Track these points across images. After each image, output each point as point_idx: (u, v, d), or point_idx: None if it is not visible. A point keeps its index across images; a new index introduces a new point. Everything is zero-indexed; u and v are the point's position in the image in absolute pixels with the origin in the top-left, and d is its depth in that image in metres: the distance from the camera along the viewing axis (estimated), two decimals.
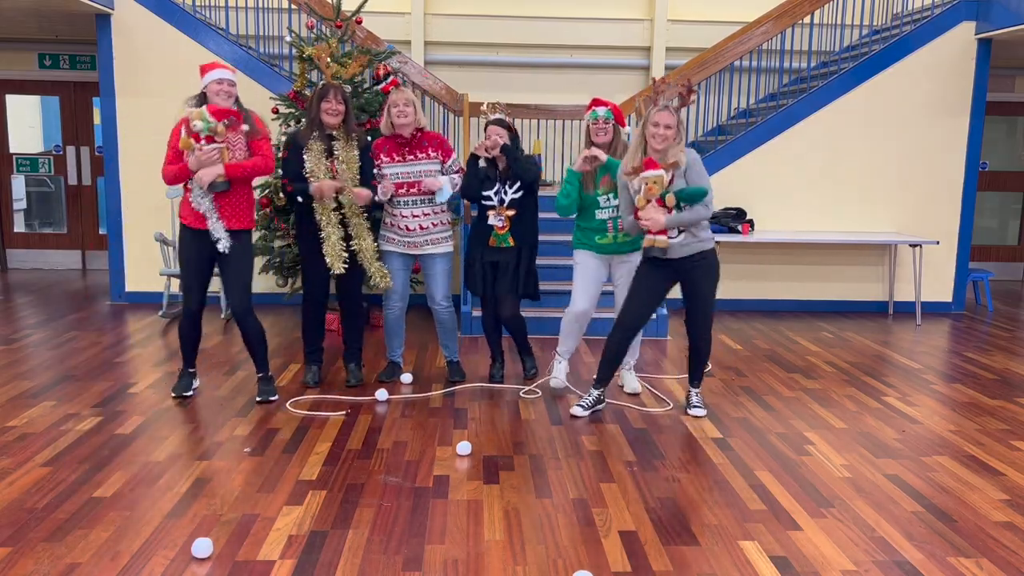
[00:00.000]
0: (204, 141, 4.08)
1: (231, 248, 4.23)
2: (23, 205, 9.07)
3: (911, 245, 7.04)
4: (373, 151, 4.67)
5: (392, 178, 4.64)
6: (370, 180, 4.57)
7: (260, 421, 4.21)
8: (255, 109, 4.43)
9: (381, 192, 4.57)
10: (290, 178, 4.47)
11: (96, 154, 8.83)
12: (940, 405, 4.73)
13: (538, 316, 5.13)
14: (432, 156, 4.66)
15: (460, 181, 4.73)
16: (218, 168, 4.11)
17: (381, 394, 4.59)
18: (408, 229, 4.68)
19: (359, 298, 4.83)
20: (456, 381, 4.94)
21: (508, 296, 4.72)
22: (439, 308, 4.86)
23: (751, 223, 7.04)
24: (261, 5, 7.48)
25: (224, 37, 6.94)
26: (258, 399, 4.49)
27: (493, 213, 4.66)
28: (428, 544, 2.95)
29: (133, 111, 6.87)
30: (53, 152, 8.94)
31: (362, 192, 4.46)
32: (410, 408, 4.48)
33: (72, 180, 8.95)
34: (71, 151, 8.91)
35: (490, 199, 4.67)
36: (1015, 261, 9.65)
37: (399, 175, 4.63)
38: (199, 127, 4.06)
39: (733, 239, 6.83)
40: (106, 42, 6.80)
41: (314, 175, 4.41)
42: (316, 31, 6.23)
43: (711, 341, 4.39)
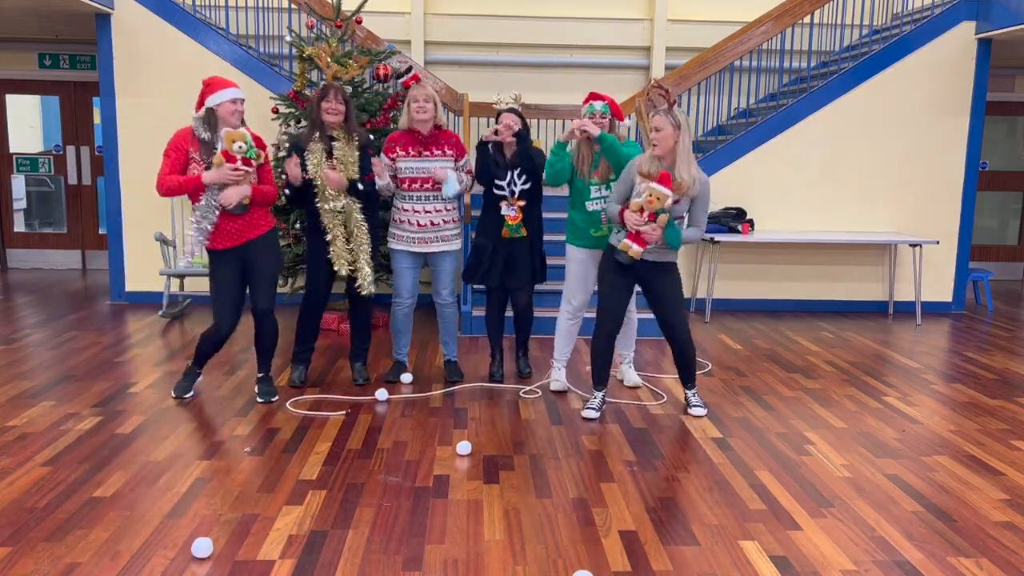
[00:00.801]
0: (239, 161, 4.05)
1: (259, 251, 4.27)
2: (23, 205, 9.07)
3: (911, 245, 7.04)
4: (388, 143, 4.67)
5: (406, 172, 4.63)
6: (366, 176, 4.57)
7: (260, 421, 4.21)
8: (255, 109, 4.43)
9: (378, 174, 4.52)
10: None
11: (96, 154, 8.83)
12: (940, 405, 4.73)
13: (537, 316, 5.15)
14: (448, 154, 4.67)
15: (468, 181, 4.79)
16: (245, 189, 4.13)
17: (381, 394, 4.59)
18: (419, 225, 4.68)
19: (369, 298, 4.82)
20: (454, 381, 4.95)
21: (526, 286, 4.85)
22: (444, 304, 4.90)
23: (751, 223, 7.04)
24: (261, 5, 7.48)
25: (224, 37, 6.94)
26: (260, 399, 4.49)
27: (506, 204, 4.69)
28: (428, 544, 2.95)
29: (133, 111, 6.87)
30: (53, 152, 8.94)
31: (331, 175, 4.41)
32: (410, 408, 4.48)
33: (72, 180, 8.95)
34: (71, 151, 8.91)
35: (502, 188, 4.70)
36: (1015, 261, 9.65)
37: (413, 170, 4.63)
38: (241, 150, 4.02)
39: (733, 239, 6.83)
40: (106, 42, 6.80)
41: (316, 176, 4.43)
42: (316, 31, 6.23)
43: (692, 340, 4.39)
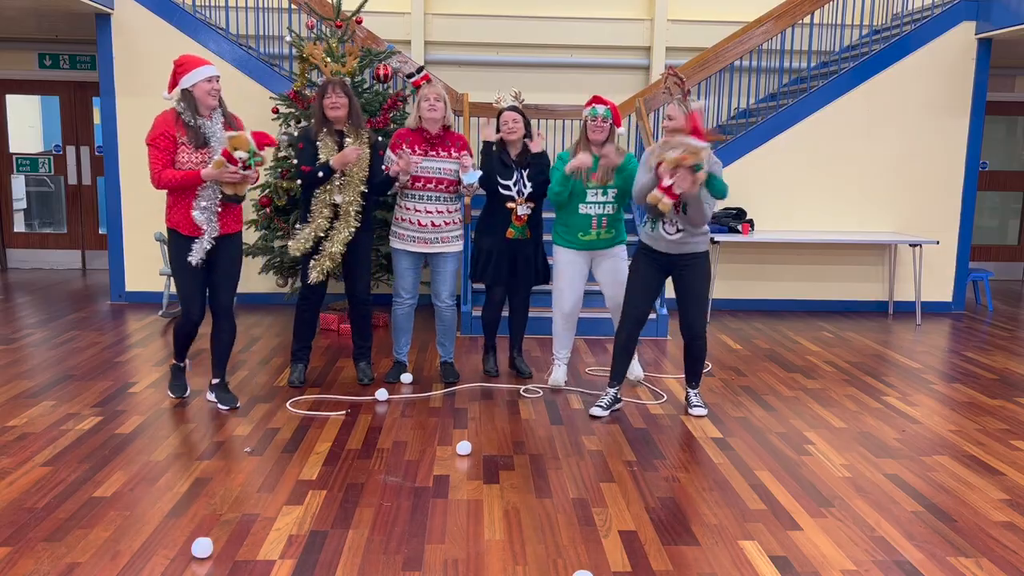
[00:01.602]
0: (239, 165, 4.02)
1: (227, 248, 4.22)
2: (23, 205, 9.07)
3: (911, 245, 7.04)
4: (395, 140, 4.65)
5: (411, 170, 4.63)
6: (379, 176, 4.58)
7: (260, 421, 4.21)
8: (255, 109, 4.41)
9: (395, 168, 4.50)
10: (309, 165, 4.44)
11: (96, 154, 8.83)
12: (940, 405, 4.73)
13: (533, 316, 5.16)
14: (455, 156, 4.68)
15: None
16: (244, 184, 4.13)
17: (381, 394, 4.59)
18: (421, 224, 4.68)
19: (368, 296, 4.83)
20: (450, 383, 4.95)
21: (530, 286, 4.96)
22: (443, 306, 4.90)
23: (751, 223, 7.04)
24: (261, 5, 7.48)
25: (224, 37, 6.93)
26: (222, 407, 4.37)
27: (516, 204, 4.72)
28: (428, 544, 2.95)
29: (133, 111, 6.86)
30: (53, 152, 8.94)
31: (349, 152, 4.37)
32: (410, 408, 4.48)
33: (72, 180, 8.95)
34: (71, 151, 8.91)
35: (509, 188, 4.71)
36: (1015, 261, 9.65)
37: (419, 169, 4.62)
38: (243, 157, 3.97)
39: (733, 239, 6.83)
40: (106, 42, 6.80)
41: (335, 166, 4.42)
42: (316, 31, 6.23)
43: (706, 340, 4.40)
